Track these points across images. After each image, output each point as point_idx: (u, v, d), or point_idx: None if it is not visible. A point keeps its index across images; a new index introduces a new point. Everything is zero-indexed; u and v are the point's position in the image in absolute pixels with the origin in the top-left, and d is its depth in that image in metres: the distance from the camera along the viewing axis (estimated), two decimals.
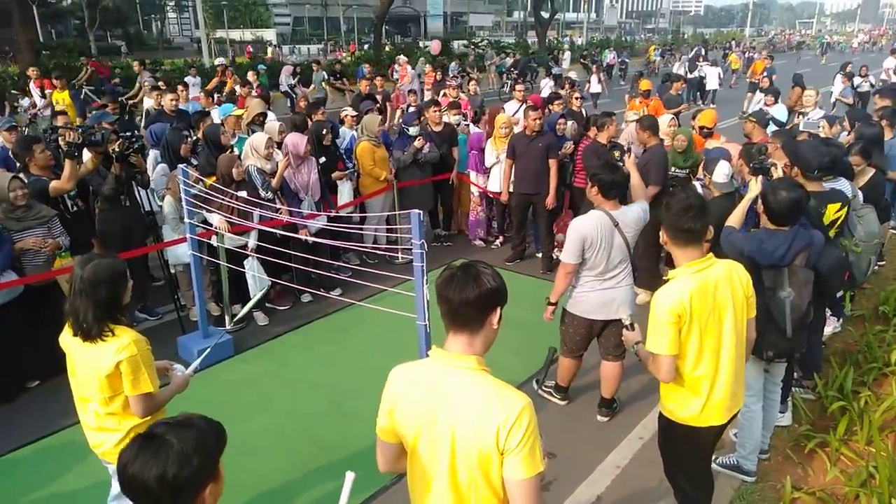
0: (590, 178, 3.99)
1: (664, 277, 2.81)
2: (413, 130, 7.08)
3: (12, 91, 15.37)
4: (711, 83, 20.00)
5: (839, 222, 4.05)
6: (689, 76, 19.70)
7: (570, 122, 7.35)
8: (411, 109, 8.28)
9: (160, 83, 11.29)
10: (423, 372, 1.96)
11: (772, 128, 7.34)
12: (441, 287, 1.90)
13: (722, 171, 4.60)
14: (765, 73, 14.44)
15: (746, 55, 30.31)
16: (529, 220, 7.28)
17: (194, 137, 6.24)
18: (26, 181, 4.74)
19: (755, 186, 3.82)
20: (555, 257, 6.71)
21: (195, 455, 1.48)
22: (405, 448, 2.03)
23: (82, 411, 2.86)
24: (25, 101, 12.32)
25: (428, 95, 12.43)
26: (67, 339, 2.73)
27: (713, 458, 3.39)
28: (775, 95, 9.40)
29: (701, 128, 6.84)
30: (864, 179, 5.02)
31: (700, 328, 2.69)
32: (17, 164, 5.35)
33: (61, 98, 10.83)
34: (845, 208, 4.06)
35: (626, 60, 30.00)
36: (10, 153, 5.93)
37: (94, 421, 2.80)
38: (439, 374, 1.90)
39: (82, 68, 17.08)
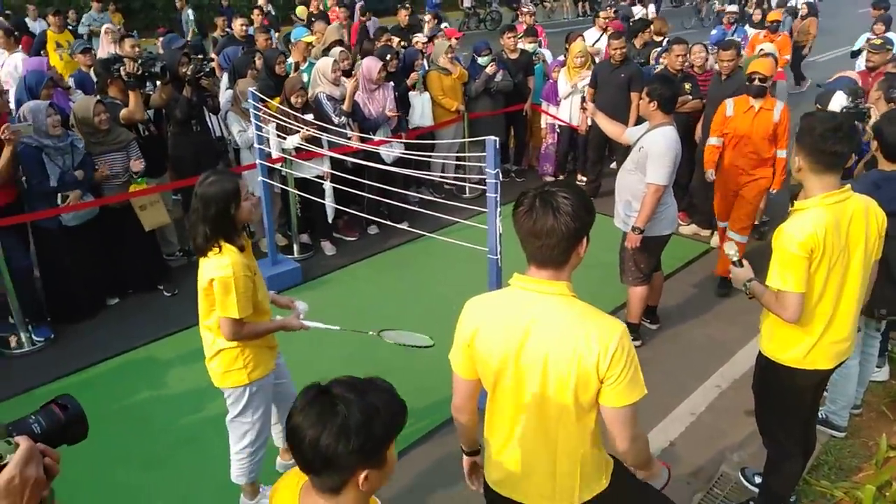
0: (648, 93, 3.96)
1: (791, 209, 2.54)
2: (482, 60, 6.75)
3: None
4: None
5: None
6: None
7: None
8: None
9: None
10: (506, 301, 1.85)
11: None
12: (521, 222, 1.77)
13: (838, 103, 4.17)
14: None
15: None
16: (605, 155, 6.94)
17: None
18: (107, 105, 4.79)
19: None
20: None
21: (356, 436, 1.33)
22: (482, 384, 1.93)
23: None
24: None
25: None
26: None
27: None
28: (886, 23, 8.45)
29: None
30: None
31: (829, 264, 2.44)
32: (95, 86, 5.41)
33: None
34: None
35: None
36: (86, 78, 6.03)
37: (201, 331, 2.85)
38: (527, 302, 1.79)
39: None
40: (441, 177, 6.66)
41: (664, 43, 7.43)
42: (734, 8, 10.52)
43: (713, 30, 8.81)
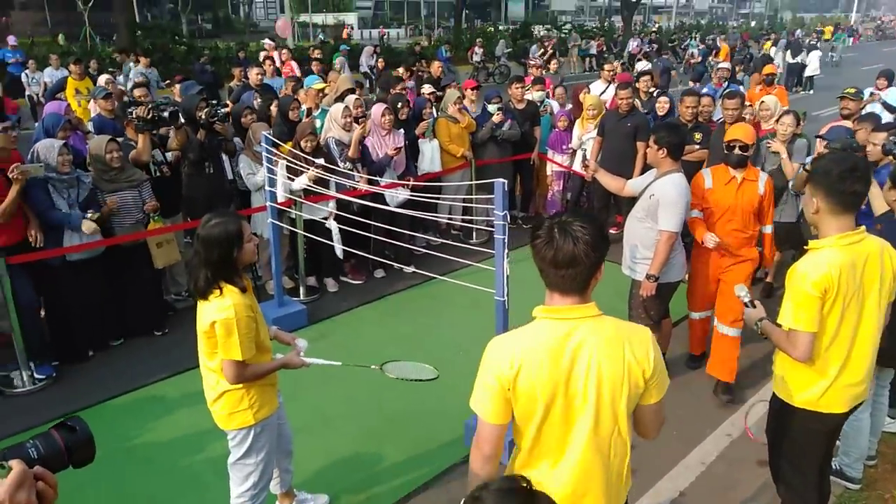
0: (656, 142, 3.96)
1: (805, 248, 2.53)
2: (492, 108, 6.90)
3: (110, 70, 16.18)
4: (812, 69, 18.73)
5: None
6: (791, 61, 18.54)
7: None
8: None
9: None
10: (541, 333, 1.83)
11: (886, 116, 6.73)
12: (541, 252, 1.82)
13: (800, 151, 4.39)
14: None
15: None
16: (612, 203, 6.98)
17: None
18: (121, 144, 4.90)
19: None
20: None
21: None
22: (526, 420, 1.88)
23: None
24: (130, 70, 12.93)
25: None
26: None
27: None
28: (888, 78, 8.62)
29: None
30: None
31: (843, 305, 2.42)
32: (115, 128, 5.55)
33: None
34: None
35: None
36: (105, 122, 6.19)
37: (203, 373, 2.82)
38: (565, 330, 1.81)
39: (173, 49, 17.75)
40: (449, 219, 6.71)
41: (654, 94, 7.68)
42: (726, 65, 10.77)
43: (704, 88, 8.97)
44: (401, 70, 9.84)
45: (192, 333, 2.76)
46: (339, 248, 5.39)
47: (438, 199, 6.58)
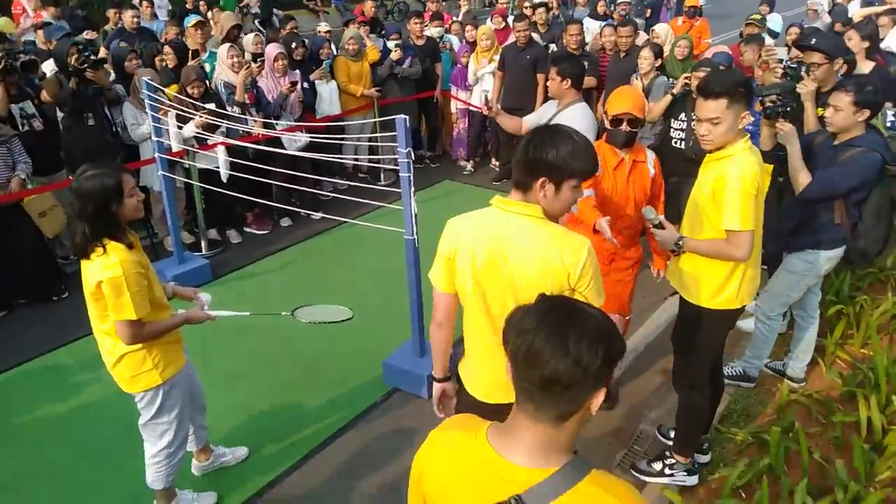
0: (559, 73, 3.76)
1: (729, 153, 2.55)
2: (391, 44, 6.69)
3: None
4: None
5: None
6: None
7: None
8: None
9: None
10: (485, 220, 2.01)
11: (769, 40, 7.07)
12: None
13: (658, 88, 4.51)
14: None
15: None
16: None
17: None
18: None
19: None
20: None
21: (602, 343, 1.14)
22: (461, 296, 2.09)
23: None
24: None
25: None
26: None
27: None
28: (770, 4, 9.02)
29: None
30: None
31: (760, 201, 2.56)
32: None
33: None
34: None
35: None
36: None
37: (98, 337, 2.64)
38: (503, 221, 1.96)
39: None
40: (354, 160, 6.55)
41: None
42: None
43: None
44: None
45: (82, 296, 2.56)
46: (224, 174, 5.12)
47: (344, 139, 6.42)
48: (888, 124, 3.82)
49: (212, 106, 5.10)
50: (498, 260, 1.95)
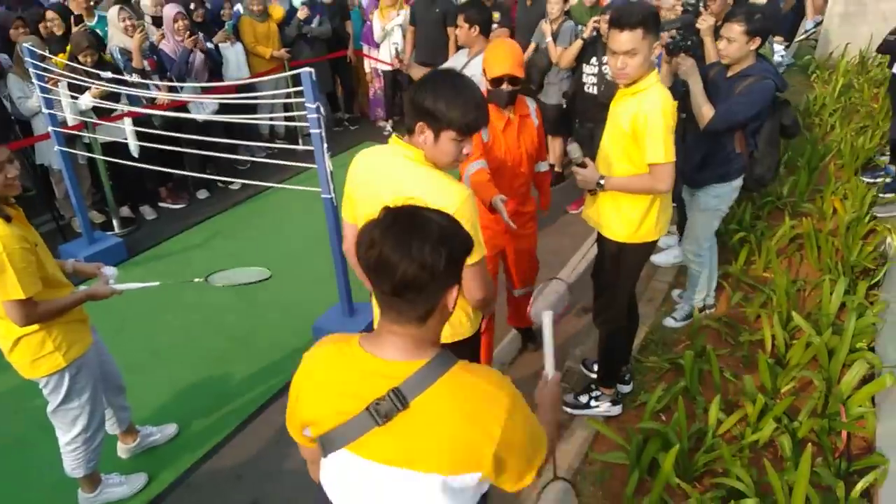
0: (466, 20, 3.72)
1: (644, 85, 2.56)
2: (297, 2, 6.45)
3: None
4: None
5: None
6: None
7: None
8: None
9: None
10: (379, 155, 2.04)
11: None
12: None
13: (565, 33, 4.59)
14: None
15: None
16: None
17: None
18: None
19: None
20: None
21: (448, 243, 1.24)
22: None
23: None
24: None
25: None
26: None
27: None
28: None
29: None
30: None
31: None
32: None
33: None
34: None
35: None
36: None
37: None
38: (390, 158, 1.99)
39: None
40: (270, 119, 6.33)
41: None
42: None
43: None
44: None
45: None
46: (133, 144, 4.87)
47: (257, 99, 6.17)
48: (777, 59, 4.02)
49: (108, 75, 4.79)
50: (378, 194, 1.92)
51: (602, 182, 2.68)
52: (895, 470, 2.56)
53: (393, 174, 1.95)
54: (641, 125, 2.51)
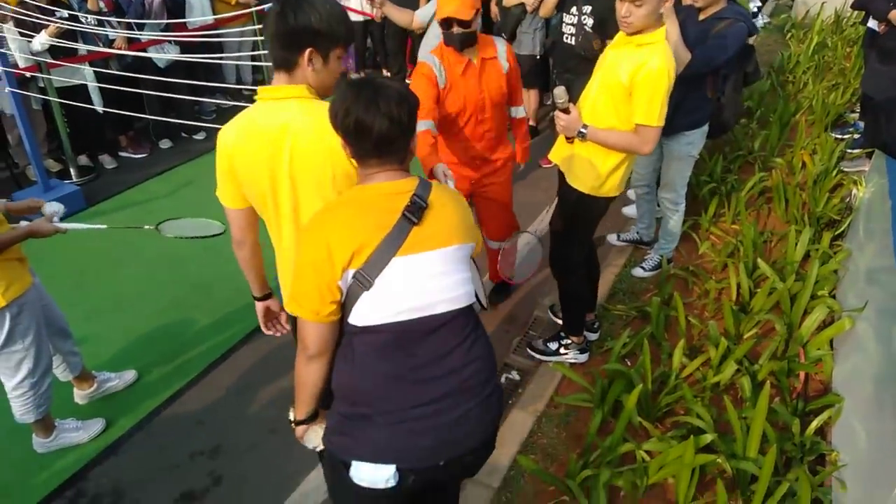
0: None
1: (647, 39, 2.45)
2: None
3: None
4: None
5: None
6: None
7: None
8: None
9: None
10: (253, 118, 1.77)
11: None
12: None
13: None
14: None
15: None
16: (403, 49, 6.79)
17: None
18: None
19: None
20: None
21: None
22: (259, 208, 1.89)
23: None
24: None
25: None
26: None
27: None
28: None
29: None
30: None
31: None
32: None
33: None
34: None
35: None
36: None
37: None
38: (273, 112, 1.74)
39: None
40: (236, 61, 6.13)
41: None
42: None
43: None
44: None
45: None
46: (97, 99, 4.69)
47: (221, 38, 5.96)
48: (752, 9, 3.97)
49: (64, 13, 4.56)
50: (276, 155, 1.74)
51: (584, 131, 2.59)
52: (849, 407, 2.61)
53: (289, 125, 1.71)
54: (640, 81, 2.42)
